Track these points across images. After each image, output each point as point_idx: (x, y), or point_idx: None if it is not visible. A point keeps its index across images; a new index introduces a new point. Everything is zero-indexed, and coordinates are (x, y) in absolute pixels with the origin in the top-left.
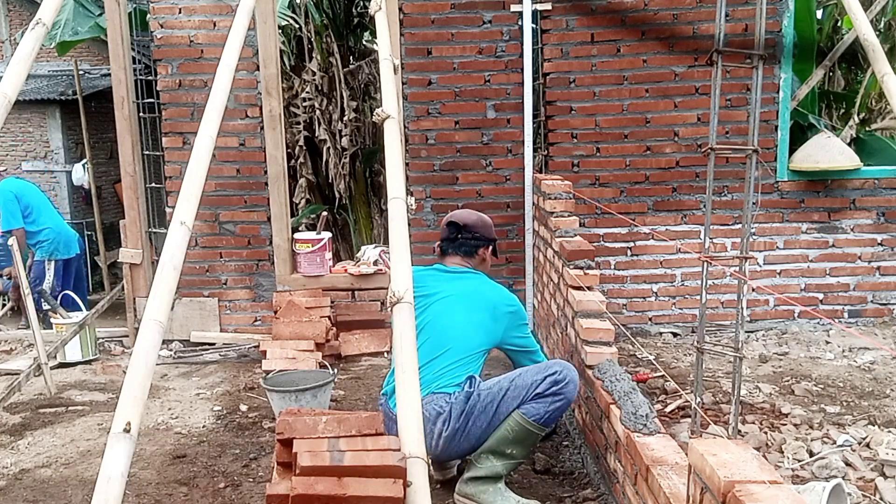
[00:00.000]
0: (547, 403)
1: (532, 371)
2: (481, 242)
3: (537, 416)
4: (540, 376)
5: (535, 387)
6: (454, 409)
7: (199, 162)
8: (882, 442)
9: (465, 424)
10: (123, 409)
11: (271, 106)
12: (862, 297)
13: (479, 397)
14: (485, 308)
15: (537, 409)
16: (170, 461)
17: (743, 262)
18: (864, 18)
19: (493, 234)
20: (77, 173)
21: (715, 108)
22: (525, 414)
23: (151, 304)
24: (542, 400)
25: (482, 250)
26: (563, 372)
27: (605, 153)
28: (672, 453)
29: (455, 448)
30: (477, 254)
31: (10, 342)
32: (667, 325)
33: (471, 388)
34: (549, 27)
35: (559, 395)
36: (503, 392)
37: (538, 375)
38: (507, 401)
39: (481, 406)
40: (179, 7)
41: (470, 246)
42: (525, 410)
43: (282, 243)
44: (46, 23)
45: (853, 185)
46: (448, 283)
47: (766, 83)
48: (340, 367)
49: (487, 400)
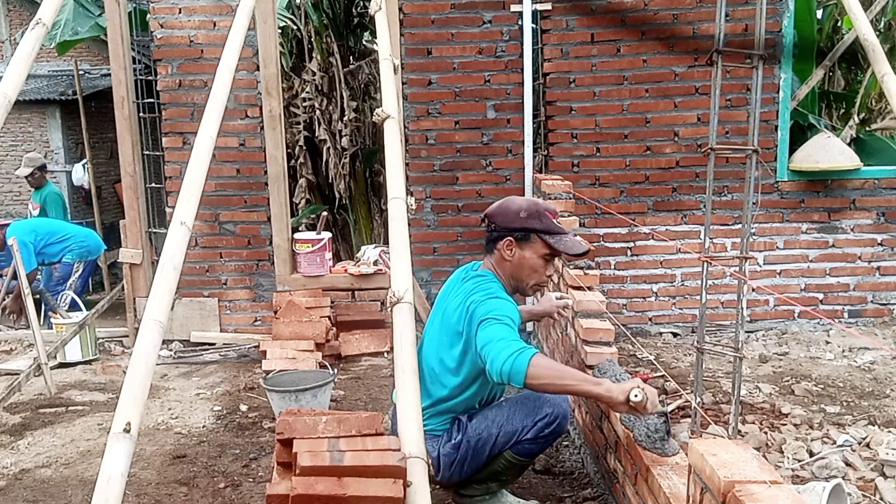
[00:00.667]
0: (539, 443)
1: (521, 414)
2: (498, 234)
3: (530, 454)
4: (529, 421)
5: (525, 433)
6: (444, 459)
7: (199, 162)
8: (882, 442)
9: (458, 470)
10: (123, 409)
11: (271, 106)
12: (862, 297)
13: (468, 444)
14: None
15: (530, 450)
16: (170, 461)
17: (743, 262)
18: (864, 18)
19: (517, 221)
20: (77, 173)
21: (715, 108)
22: (517, 454)
23: (151, 304)
24: (535, 442)
25: (501, 244)
26: (553, 412)
27: (605, 153)
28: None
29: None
30: (495, 249)
31: (10, 342)
32: (667, 325)
33: (459, 435)
34: (549, 27)
35: (551, 435)
36: (493, 439)
37: (527, 420)
38: (497, 446)
39: (472, 452)
40: (179, 7)
41: (488, 240)
42: (517, 451)
43: (282, 243)
44: (46, 23)
45: (853, 185)
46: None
47: (766, 83)
48: (340, 367)
49: (477, 446)
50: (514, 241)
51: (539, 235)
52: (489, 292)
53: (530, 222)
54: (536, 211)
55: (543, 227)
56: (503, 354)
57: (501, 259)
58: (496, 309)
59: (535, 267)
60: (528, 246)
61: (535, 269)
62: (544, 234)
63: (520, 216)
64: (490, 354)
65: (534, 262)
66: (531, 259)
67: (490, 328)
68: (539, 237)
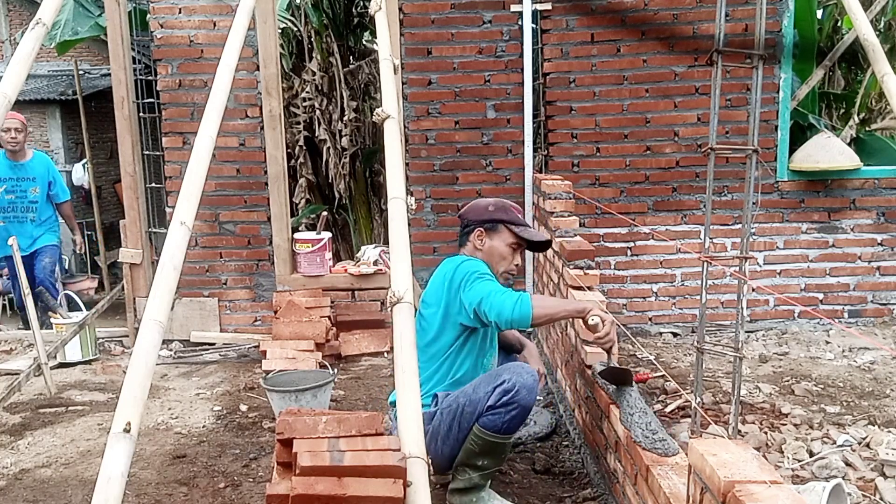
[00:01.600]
0: (502, 414)
1: (484, 382)
2: (470, 227)
3: (495, 427)
4: (490, 387)
5: (487, 399)
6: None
7: (199, 162)
8: (882, 442)
9: (435, 444)
10: (123, 409)
11: (271, 106)
12: (862, 297)
13: (441, 416)
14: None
15: (494, 422)
16: (170, 461)
17: (743, 262)
18: (864, 18)
19: (486, 214)
20: (77, 173)
21: (715, 108)
22: (483, 427)
23: (151, 304)
24: (497, 411)
25: (472, 235)
26: (511, 380)
27: (605, 153)
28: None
29: (437, 465)
30: (468, 241)
31: (10, 342)
32: (667, 325)
33: (434, 409)
34: (549, 27)
35: (512, 404)
36: (460, 409)
37: (489, 387)
38: (465, 417)
39: (445, 426)
40: (179, 7)
41: (461, 235)
42: (482, 423)
43: (282, 243)
44: (46, 23)
45: (853, 185)
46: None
47: (766, 83)
48: (340, 367)
49: (448, 419)
50: (484, 231)
51: (505, 225)
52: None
53: (497, 214)
54: (503, 206)
55: (509, 218)
56: (508, 303)
57: (473, 249)
58: (474, 268)
59: (504, 254)
60: (496, 235)
61: (503, 256)
62: (510, 224)
63: (488, 209)
64: (494, 306)
65: (502, 250)
66: (500, 247)
67: (478, 284)
68: (505, 227)
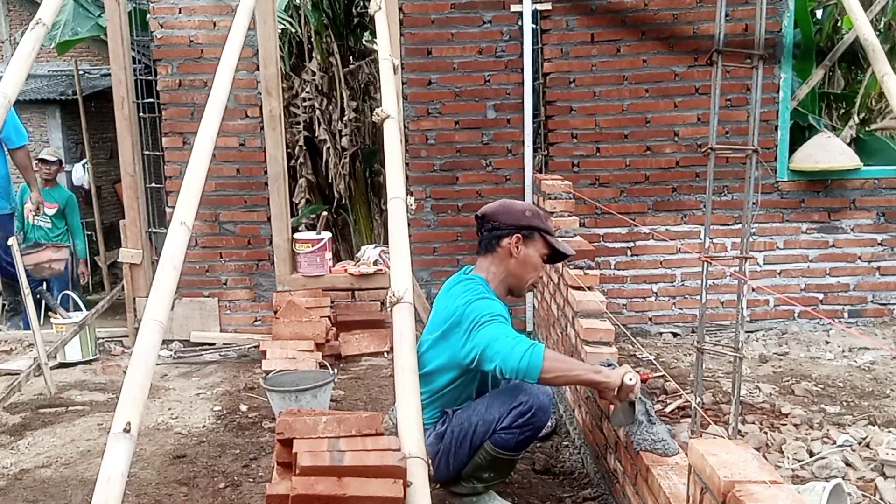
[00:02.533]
0: (516, 434)
1: (499, 402)
2: (503, 232)
3: (507, 446)
4: (506, 409)
5: (502, 420)
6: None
7: (199, 162)
8: (882, 442)
9: (444, 464)
10: (123, 409)
11: (271, 106)
12: (862, 297)
13: (451, 434)
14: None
15: (506, 440)
16: (170, 461)
17: (743, 262)
18: (864, 18)
19: (523, 220)
20: (77, 173)
21: (715, 108)
22: (495, 445)
23: (151, 304)
24: (511, 431)
25: (506, 241)
26: (528, 402)
27: (605, 153)
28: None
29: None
30: (499, 247)
31: (10, 342)
32: (667, 325)
33: (443, 427)
34: (549, 27)
35: (527, 425)
36: (473, 428)
37: (504, 407)
38: (477, 435)
39: (456, 443)
40: (179, 7)
41: (488, 239)
42: (494, 441)
43: (282, 243)
44: (46, 23)
45: (853, 185)
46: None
47: (766, 83)
48: (340, 367)
49: (459, 437)
50: (522, 238)
51: (542, 234)
52: (477, 293)
53: (535, 221)
54: (538, 212)
55: (545, 227)
56: (517, 352)
57: (507, 256)
58: (486, 309)
59: (536, 265)
60: (531, 244)
61: (535, 267)
62: (546, 233)
63: (525, 215)
64: (501, 353)
65: (535, 261)
66: (534, 257)
67: (488, 328)
68: (541, 236)
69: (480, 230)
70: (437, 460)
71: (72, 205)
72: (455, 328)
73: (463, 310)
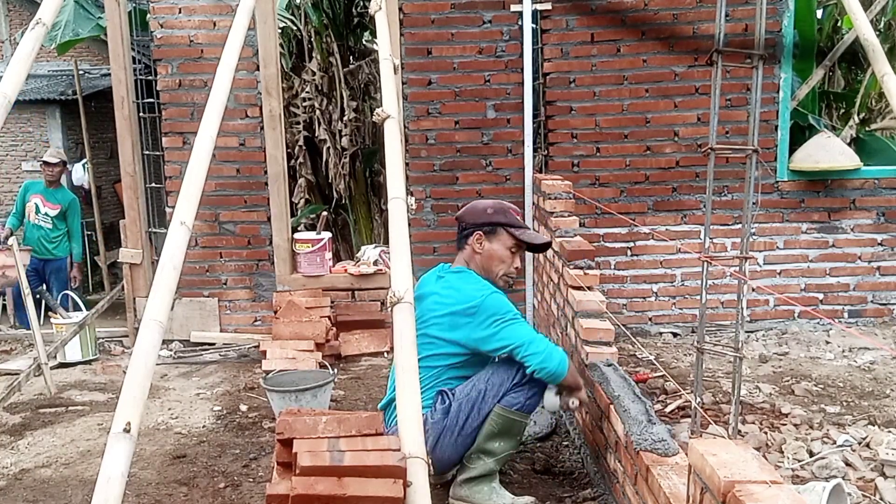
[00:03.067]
0: (525, 389)
1: (504, 365)
2: (468, 231)
3: (518, 404)
4: (514, 369)
5: (511, 377)
6: (434, 430)
7: (199, 162)
8: (882, 442)
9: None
10: (123, 409)
11: (271, 106)
12: (862, 297)
13: (459, 406)
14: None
15: (517, 399)
16: (170, 461)
17: (743, 262)
18: (864, 18)
19: (483, 217)
20: (77, 173)
21: (715, 108)
22: (506, 406)
23: (151, 304)
24: (520, 387)
25: (471, 239)
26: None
27: (605, 153)
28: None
29: (447, 460)
30: (466, 244)
31: (10, 342)
32: (667, 325)
33: (446, 403)
34: (549, 27)
35: (534, 380)
36: (482, 394)
37: (511, 370)
38: (486, 400)
39: (464, 414)
40: (179, 7)
41: (459, 238)
42: (506, 402)
43: (282, 243)
44: (46, 23)
45: (853, 185)
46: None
47: (766, 83)
48: (340, 367)
49: (468, 406)
50: (483, 235)
51: (504, 228)
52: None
53: (496, 217)
54: (501, 208)
55: (507, 220)
56: (555, 358)
57: (472, 253)
58: (507, 305)
59: (503, 258)
60: (495, 238)
61: (502, 259)
62: (509, 226)
63: (486, 212)
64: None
65: (502, 254)
66: (499, 251)
67: (519, 327)
68: (505, 230)
69: (458, 231)
70: (443, 438)
71: (74, 208)
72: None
73: (480, 300)
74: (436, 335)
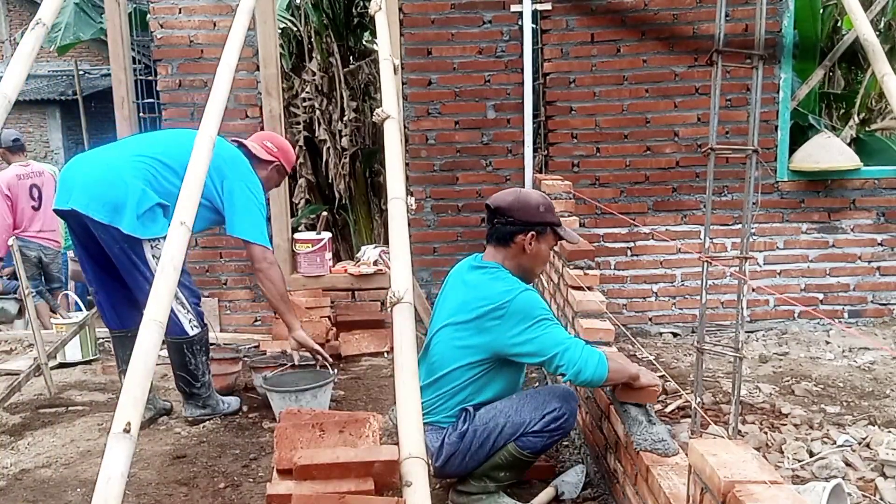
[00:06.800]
0: (545, 438)
1: (530, 405)
2: (518, 228)
3: (533, 448)
4: (538, 413)
5: (533, 425)
6: (447, 449)
7: (199, 162)
8: (882, 442)
9: (461, 461)
10: (123, 409)
11: (271, 106)
12: (862, 298)
13: (474, 434)
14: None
15: (533, 443)
16: (170, 461)
17: (743, 262)
18: (864, 18)
19: (537, 216)
20: None
21: (715, 108)
22: (520, 447)
23: (151, 305)
24: (541, 435)
25: (520, 237)
26: (562, 408)
27: (605, 153)
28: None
29: (451, 474)
30: (513, 242)
31: (10, 342)
32: (667, 325)
33: (465, 426)
34: (549, 27)
35: (558, 430)
36: (499, 429)
37: (536, 413)
38: (502, 437)
39: (477, 443)
40: (179, 7)
41: (503, 233)
42: (521, 444)
43: (282, 243)
44: (46, 23)
45: (853, 185)
46: (461, 283)
47: (766, 83)
48: (340, 367)
49: (483, 436)
50: (536, 235)
51: (553, 229)
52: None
53: (548, 217)
54: (550, 205)
55: (556, 220)
56: (591, 364)
57: (520, 252)
58: (540, 305)
59: (546, 258)
60: (544, 239)
61: (545, 260)
62: (556, 226)
63: (539, 211)
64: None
65: (546, 254)
66: (545, 251)
67: (554, 331)
68: (552, 230)
69: (492, 221)
70: (454, 458)
71: None
72: (498, 315)
73: (510, 298)
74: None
